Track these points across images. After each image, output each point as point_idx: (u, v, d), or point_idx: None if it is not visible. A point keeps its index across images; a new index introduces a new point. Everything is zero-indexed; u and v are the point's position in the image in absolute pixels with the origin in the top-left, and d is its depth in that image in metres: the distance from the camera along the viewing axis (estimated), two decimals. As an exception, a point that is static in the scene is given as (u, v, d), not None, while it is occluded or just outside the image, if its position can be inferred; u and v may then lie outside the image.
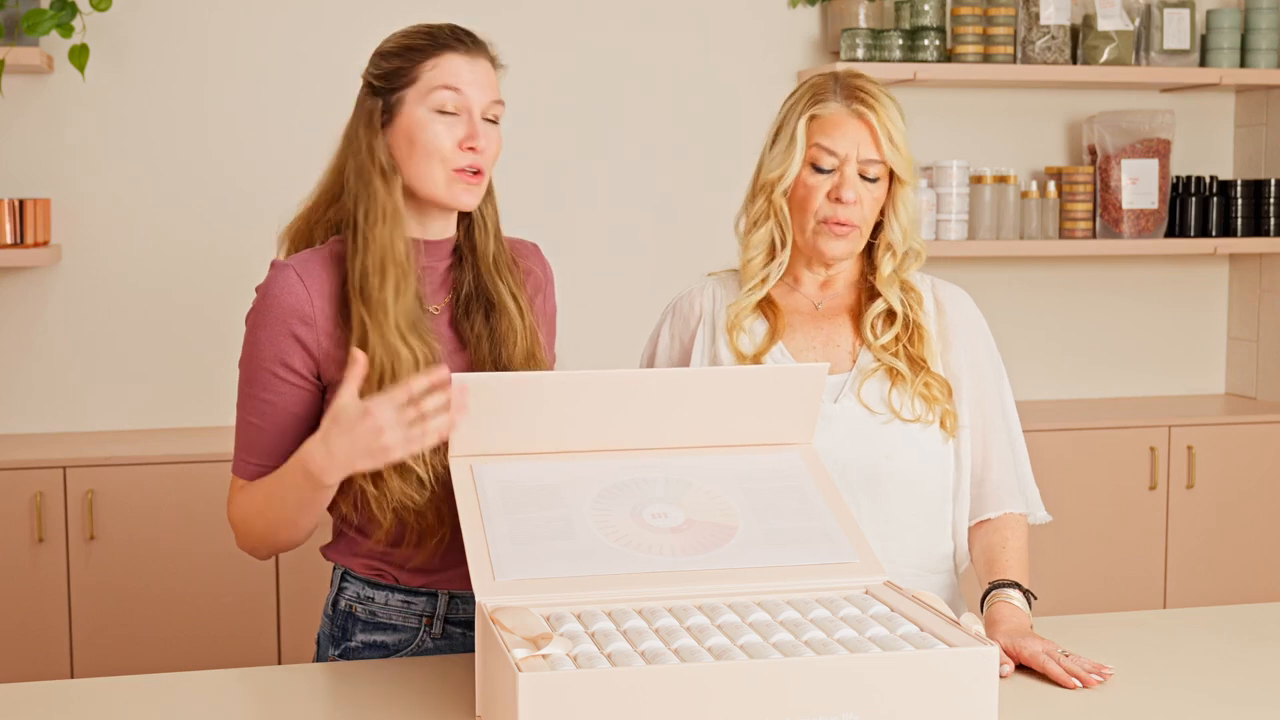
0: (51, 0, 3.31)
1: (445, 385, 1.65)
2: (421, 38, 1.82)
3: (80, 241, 3.52)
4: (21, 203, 3.30)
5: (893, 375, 1.99)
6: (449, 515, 1.80)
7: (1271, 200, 3.93)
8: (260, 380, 1.82)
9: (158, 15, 3.52)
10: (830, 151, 1.96)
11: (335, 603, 1.93)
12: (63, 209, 3.50)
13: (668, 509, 1.72)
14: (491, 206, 1.92)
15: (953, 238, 3.79)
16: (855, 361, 2.01)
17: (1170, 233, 3.95)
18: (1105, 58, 3.80)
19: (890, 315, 2.02)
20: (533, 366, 1.90)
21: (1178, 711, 1.62)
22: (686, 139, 3.81)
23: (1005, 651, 1.73)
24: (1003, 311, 3.90)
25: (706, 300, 2.09)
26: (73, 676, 3.19)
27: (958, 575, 2.05)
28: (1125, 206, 3.86)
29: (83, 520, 3.20)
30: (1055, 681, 1.69)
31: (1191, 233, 3.94)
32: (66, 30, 3.30)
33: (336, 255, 1.84)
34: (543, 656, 1.44)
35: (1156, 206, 3.88)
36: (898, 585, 1.67)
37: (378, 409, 1.64)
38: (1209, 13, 3.91)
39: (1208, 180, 3.96)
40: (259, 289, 1.83)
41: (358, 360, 1.67)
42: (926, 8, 3.75)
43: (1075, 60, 3.85)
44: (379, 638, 1.89)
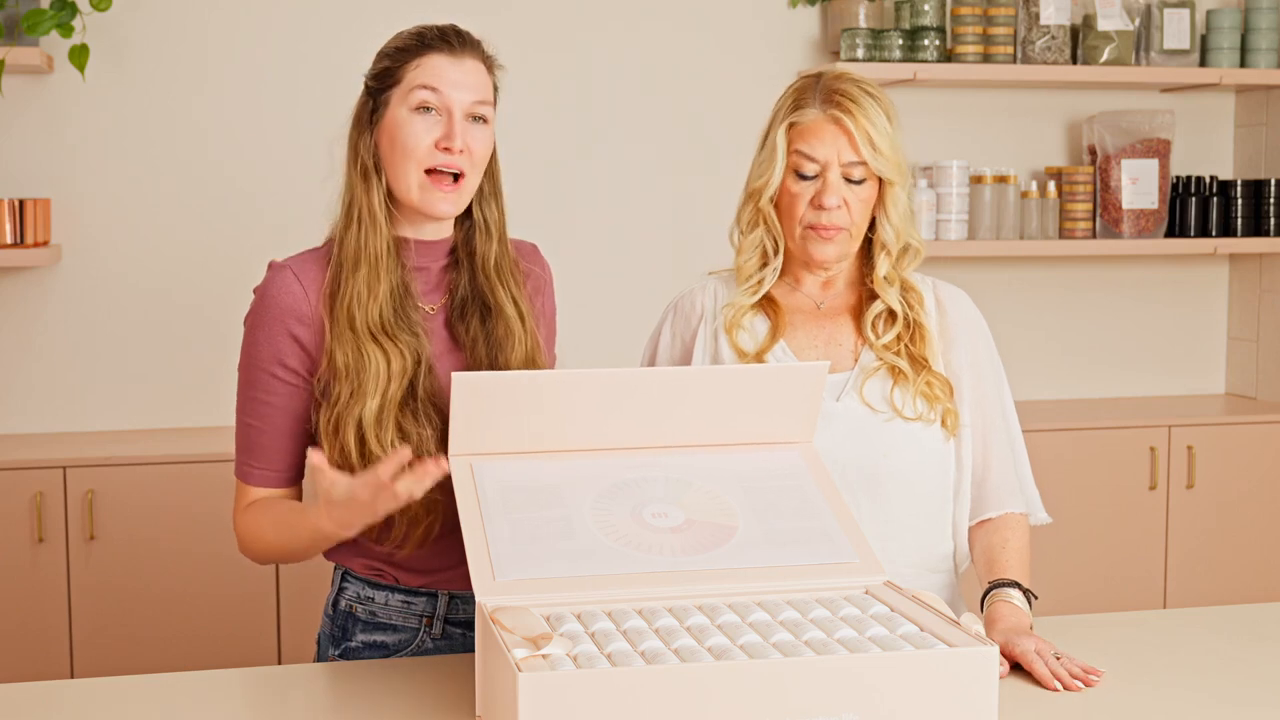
0: (51, 0, 3.31)
1: (409, 461, 1.63)
2: (410, 39, 1.83)
3: (80, 241, 3.52)
4: (21, 203, 3.30)
5: (895, 374, 1.99)
6: (442, 506, 1.79)
7: (1271, 200, 3.93)
8: (259, 382, 1.82)
9: (158, 15, 3.52)
10: (810, 158, 1.95)
11: (335, 603, 1.93)
12: (63, 209, 3.50)
13: (668, 509, 1.72)
14: (497, 209, 1.91)
15: (953, 238, 3.79)
16: (857, 360, 2.01)
17: (1170, 233, 3.95)
18: (1105, 58, 3.80)
19: (891, 315, 2.02)
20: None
21: (1177, 711, 1.62)
22: (686, 139, 3.81)
23: (999, 649, 1.73)
24: (1003, 311, 3.90)
25: (708, 299, 2.08)
26: (73, 676, 3.19)
27: (958, 575, 2.05)
28: (1125, 206, 3.85)
29: (83, 520, 3.20)
30: (1038, 681, 1.69)
31: (1191, 233, 3.94)
32: (66, 30, 3.30)
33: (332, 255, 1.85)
34: (543, 656, 1.44)
35: (1156, 206, 3.88)
36: (898, 585, 1.67)
37: (360, 491, 1.65)
38: (1209, 13, 3.91)
39: (1208, 180, 3.96)
40: (256, 290, 1.84)
41: (314, 464, 1.67)
42: (926, 8, 3.75)
43: (1075, 60, 3.85)
44: (379, 638, 1.89)
